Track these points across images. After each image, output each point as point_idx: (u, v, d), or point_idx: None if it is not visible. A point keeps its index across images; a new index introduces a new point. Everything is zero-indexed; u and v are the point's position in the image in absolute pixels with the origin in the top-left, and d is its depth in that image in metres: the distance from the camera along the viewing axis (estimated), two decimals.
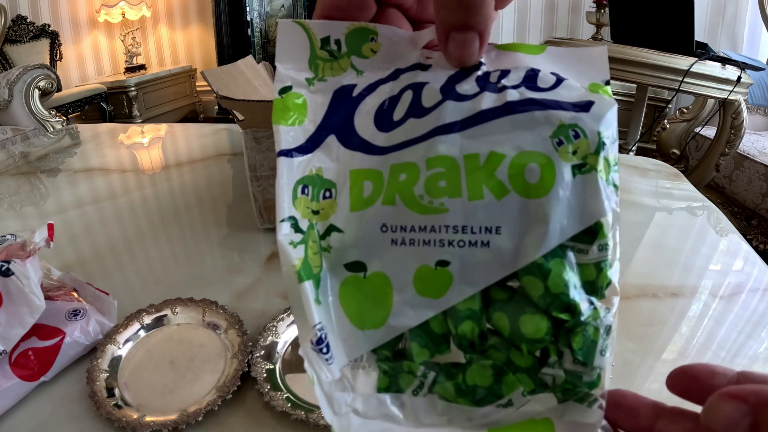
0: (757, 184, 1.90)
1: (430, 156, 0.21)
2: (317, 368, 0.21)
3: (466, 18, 0.21)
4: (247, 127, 0.60)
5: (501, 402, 0.21)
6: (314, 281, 0.21)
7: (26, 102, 2.55)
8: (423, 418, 0.22)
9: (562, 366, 0.21)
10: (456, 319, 0.21)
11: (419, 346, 0.22)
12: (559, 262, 0.20)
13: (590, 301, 0.21)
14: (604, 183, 0.20)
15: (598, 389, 0.21)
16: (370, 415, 0.22)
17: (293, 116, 0.23)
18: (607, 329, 0.21)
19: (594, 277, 0.21)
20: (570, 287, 0.20)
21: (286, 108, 0.23)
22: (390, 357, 0.22)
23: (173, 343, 0.45)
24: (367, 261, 0.22)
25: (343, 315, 0.22)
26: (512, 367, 0.21)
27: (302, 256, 0.21)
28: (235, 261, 0.60)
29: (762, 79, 2.27)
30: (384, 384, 0.22)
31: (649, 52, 1.70)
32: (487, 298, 0.21)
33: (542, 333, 0.20)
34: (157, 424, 0.36)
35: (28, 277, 0.40)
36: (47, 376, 0.40)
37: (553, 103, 0.21)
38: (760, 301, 0.53)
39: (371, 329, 0.21)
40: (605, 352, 0.21)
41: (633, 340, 0.45)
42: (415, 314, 0.21)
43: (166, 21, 3.87)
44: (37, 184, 0.91)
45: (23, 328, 0.39)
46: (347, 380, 0.22)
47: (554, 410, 0.21)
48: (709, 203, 0.78)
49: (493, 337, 0.21)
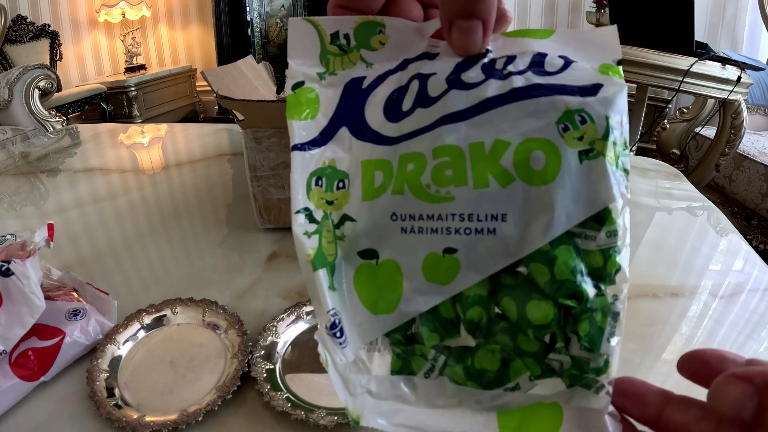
0: (757, 184, 1.90)
1: (436, 146, 0.21)
2: (332, 351, 0.21)
3: (469, 6, 0.21)
4: (247, 127, 0.60)
5: (508, 386, 0.22)
6: (329, 269, 0.22)
7: (26, 102, 2.55)
8: (434, 400, 0.22)
9: (569, 352, 0.21)
10: (464, 305, 0.21)
11: (429, 331, 0.22)
12: (565, 249, 0.20)
13: (598, 288, 0.20)
14: (612, 168, 0.20)
15: (606, 375, 0.21)
16: (383, 396, 0.22)
17: (306, 111, 0.23)
18: (614, 316, 0.21)
19: (601, 263, 0.20)
20: (577, 274, 0.20)
21: (299, 103, 0.23)
22: (402, 341, 0.23)
23: (173, 343, 0.45)
24: (379, 249, 0.22)
25: (358, 300, 0.22)
26: (519, 352, 0.21)
27: (316, 245, 0.21)
28: (235, 261, 0.60)
29: (762, 79, 2.28)
30: (397, 367, 0.23)
31: (649, 52, 1.70)
32: (496, 282, 0.21)
33: (549, 319, 0.20)
34: (157, 424, 0.36)
35: (28, 277, 0.40)
36: (47, 376, 0.40)
37: (559, 87, 0.21)
38: (760, 301, 0.53)
39: (384, 314, 0.22)
40: (613, 339, 0.21)
41: (633, 340, 0.45)
42: (424, 300, 0.21)
43: (166, 21, 3.87)
44: (37, 184, 0.91)
45: (23, 328, 0.39)
46: (362, 362, 0.22)
47: (562, 395, 0.21)
48: (709, 203, 0.78)
49: (501, 322, 0.22)
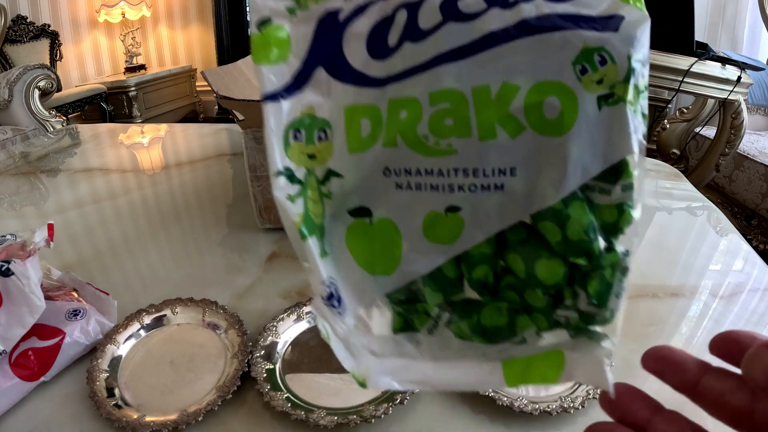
0: (757, 184, 1.90)
1: (433, 90, 0.19)
2: (331, 322, 0.20)
3: None
4: (247, 127, 0.60)
5: (515, 339, 0.21)
6: (318, 234, 0.20)
7: (26, 102, 2.54)
8: (439, 354, 0.21)
9: (577, 307, 0.20)
10: (470, 264, 0.20)
11: (432, 291, 0.20)
12: (578, 206, 0.18)
13: (609, 244, 0.19)
14: (632, 115, 0.18)
15: (611, 327, 0.20)
16: (387, 354, 0.21)
17: (276, 52, 0.20)
18: (623, 271, 0.19)
19: (615, 218, 0.19)
20: (589, 233, 0.18)
21: (267, 44, 0.19)
22: (403, 300, 0.21)
23: (173, 343, 0.45)
24: (372, 206, 0.20)
25: (353, 261, 0.20)
26: (527, 307, 0.20)
27: (302, 210, 0.19)
28: (235, 261, 0.60)
29: (762, 79, 2.27)
30: (399, 325, 0.21)
31: (649, 52, 1.70)
32: (502, 238, 0.20)
33: (558, 278, 0.19)
34: (157, 424, 0.36)
35: (28, 277, 0.40)
36: (47, 376, 0.40)
37: (575, 18, 0.18)
38: (760, 301, 0.53)
39: (382, 275, 0.20)
40: (620, 294, 0.19)
41: (633, 340, 0.45)
42: (426, 261, 0.20)
43: (166, 21, 3.86)
44: (37, 184, 0.91)
45: (23, 328, 0.39)
46: (362, 322, 0.21)
47: (566, 344, 0.20)
48: (709, 203, 0.78)
49: (507, 278, 0.20)
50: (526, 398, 0.38)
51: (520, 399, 0.37)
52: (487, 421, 0.37)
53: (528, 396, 0.39)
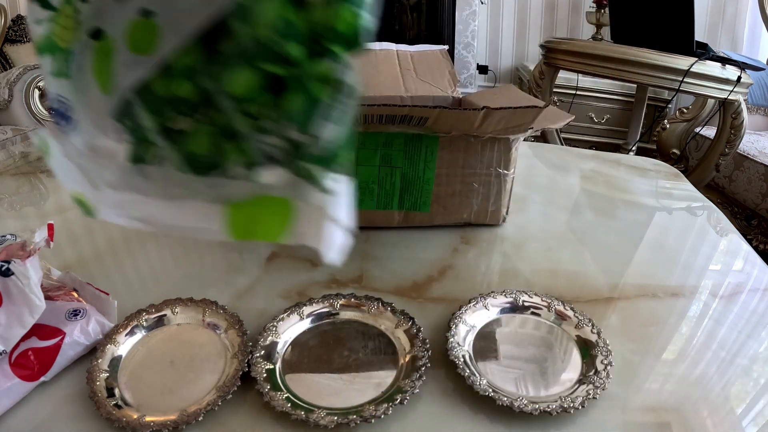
0: (757, 184, 1.90)
1: None
2: (58, 140, 0.20)
3: None
4: None
5: (226, 173, 0.20)
6: (60, 54, 0.20)
7: (26, 102, 2.54)
8: (166, 191, 0.21)
9: (284, 134, 0.18)
10: (175, 79, 0.19)
11: (147, 112, 0.20)
12: (273, 1, 0.16)
13: (319, 52, 0.16)
14: None
15: (336, 167, 0.17)
16: (121, 187, 0.21)
17: None
18: (339, 87, 0.17)
19: (329, 20, 0.16)
20: (281, 32, 0.16)
21: None
22: (133, 128, 0.21)
23: (173, 343, 0.45)
24: (104, 26, 0.20)
25: (97, 85, 0.20)
26: (232, 133, 0.19)
27: (46, 32, 0.20)
28: (235, 261, 0.60)
29: (762, 79, 2.27)
30: (132, 155, 0.21)
31: (649, 52, 1.69)
32: (212, 52, 0.18)
33: (249, 89, 0.17)
34: (157, 424, 0.36)
35: (28, 277, 0.40)
36: (47, 376, 0.40)
37: None
38: (760, 301, 0.53)
39: (108, 95, 0.20)
40: (341, 121, 0.17)
41: (633, 340, 0.45)
42: (131, 74, 0.19)
43: None
44: (37, 184, 0.91)
45: (23, 328, 0.39)
46: (108, 153, 0.21)
47: (289, 189, 0.19)
48: (709, 203, 0.78)
49: (212, 97, 0.19)
50: (526, 398, 0.38)
51: (520, 399, 0.37)
52: (487, 421, 0.37)
53: (528, 396, 0.39)
